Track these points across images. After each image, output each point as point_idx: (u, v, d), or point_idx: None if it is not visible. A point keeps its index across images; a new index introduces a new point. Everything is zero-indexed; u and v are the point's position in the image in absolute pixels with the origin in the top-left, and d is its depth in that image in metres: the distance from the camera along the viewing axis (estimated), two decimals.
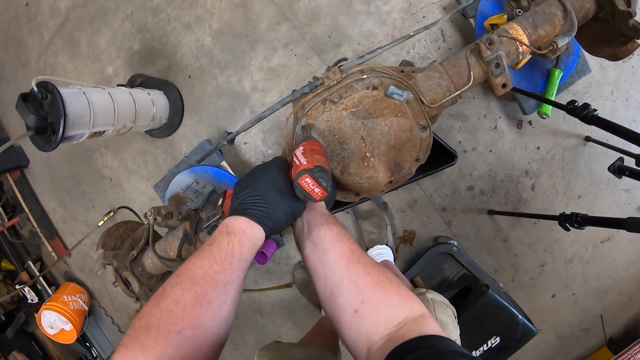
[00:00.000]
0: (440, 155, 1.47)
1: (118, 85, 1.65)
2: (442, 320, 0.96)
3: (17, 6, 2.01)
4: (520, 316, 1.38)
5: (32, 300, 2.16)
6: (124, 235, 1.35)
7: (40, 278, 2.15)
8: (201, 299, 0.57)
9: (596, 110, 1.07)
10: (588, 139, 1.59)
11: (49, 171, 2.08)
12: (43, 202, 2.15)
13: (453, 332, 0.97)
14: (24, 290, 2.15)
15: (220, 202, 0.87)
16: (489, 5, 1.41)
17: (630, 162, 1.23)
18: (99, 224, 1.94)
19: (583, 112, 1.08)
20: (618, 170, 1.21)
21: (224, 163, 1.57)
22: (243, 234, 0.64)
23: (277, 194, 0.69)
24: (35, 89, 1.11)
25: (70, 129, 1.16)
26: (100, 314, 2.18)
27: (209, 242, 0.64)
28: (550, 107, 1.44)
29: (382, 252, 1.55)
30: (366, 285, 0.61)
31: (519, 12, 1.17)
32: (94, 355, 2.15)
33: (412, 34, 1.06)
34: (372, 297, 0.60)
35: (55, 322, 1.94)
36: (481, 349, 1.38)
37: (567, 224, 1.18)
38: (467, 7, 1.39)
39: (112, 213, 1.95)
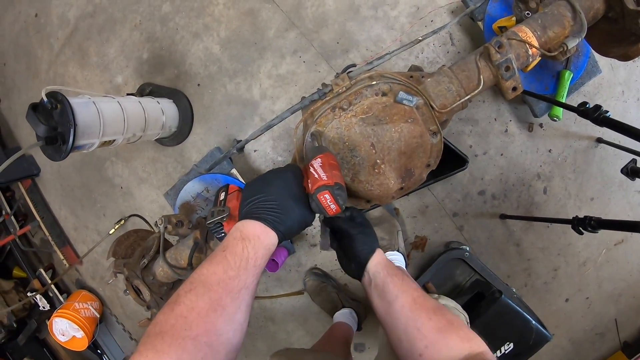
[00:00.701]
0: (451, 160, 1.47)
1: (127, 94, 1.66)
2: None
3: (26, 17, 2.04)
4: (533, 321, 1.36)
5: (43, 307, 2.18)
6: (135, 244, 1.35)
7: (52, 286, 2.17)
8: (216, 305, 0.57)
9: (608, 111, 1.06)
10: (600, 140, 1.57)
11: (60, 180, 2.10)
12: (54, 210, 2.17)
13: None
14: (36, 298, 2.16)
15: (222, 197, 0.84)
16: (497, 8, 1.40)
17: None
18: (110, 232, 1.96)
19: (595, 114, 1.07)
20: (631, 172, 1.19)
21: (234, 171, 1.58)
22: (257, 239, 0.64)
23: (292, 200, 0.69)
24: (45, 99, 1.12)
25: (80, 138, 1.17)
26: (112, 322, 2.19)
27: (222, 247, 0.64)
28: (561, 109, 1.43)
29: (394, 259, 1.53)
30: (429, 331, 0.67)
31: (528, 14, 1.16)
32: None
33: (420, 38, 1.06)
34: (435, 342, 0.66)
35: (66, 330, 1.95)
36: (495, 355, 1.36)
37: (580, 228, 1.17)
38: (475, 10, 1.39)
39: (122, 221, 1.96)
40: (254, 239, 0.64)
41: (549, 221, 1.46)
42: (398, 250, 1.57)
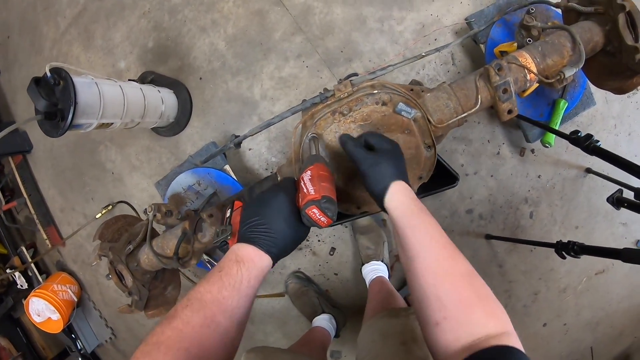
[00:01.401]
0: (442, 177, 1.47)
1: (129, 80, 1.66)
2: None
3: None
4: None
5: (21, 285, 2.14)
6: (122, 229, 1.35)
7: (32, 265, 2.14)
8: (209, 322, 0.60)
9: (598, 141, 1.09)
10: (589, 170, 1.60)
11: (51, 159, 2.08)
12: (43, 189, 2.15)
13: None
14: (14, 275, 2.13)
15: (228, 214, 0.87)
16: (500, 33, 1.44)
17: (629, 195, 1.25)
18: (97, 216, 1.94)
19: (585, 143, 1.10)
20: (617, 201, 1.22)
21: (227, 167, 1.58)
22: (252, 262, 0.67)
23: (285, 222, 0.71)
24: (49, 74, 1.13)
25: (79, 117, 1.17)
26: (89, 307, 2.16)
27: (219, 268, 0.67)
28: (554, 136, 1.46)
29: (378, 268, 1.55)
30: (450, 302, 0.59)
31: (529, 41, 1.20)
32: (79, 347, 2.12)
33: (424, 54, 1.08)
34: (456, 315, 0.58)
35: (43, 310, 1.92)
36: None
37: (563, 252, 1.19)
38: (479, 33, 1.42)
39: (110, 207, 1.95)
40: (249, 262, 0.67)
41: (534, 244, 1.48)
42: (382, 261, 1.59)
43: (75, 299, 2.05)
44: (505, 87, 0.95)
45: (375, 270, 1.54)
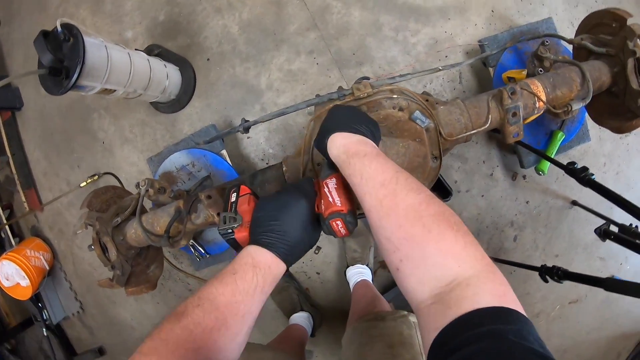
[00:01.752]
0: (437, 189, 1.51)
1: (136, 49, 1.63)
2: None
3: None
4: None
5: None
6: (111, 200, 1.32)
7: (6, 226, 2.07)
8: (220, 325, 0.59)
9: (593, 174, 1.14)
10: (575, 203, 1.65)
11: (41, 120, 2.02)
12: (28, 150, 2.08)
13: None
14: None
15: (233, 198, 0.83)
16: (511, 59, 1.47)
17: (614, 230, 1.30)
18: (81, 185, 1.89)
19: (581, 174, 1.15)
20: (604, 233, 1.26)
21: (224, 152, 1.57)
22: (268, 269, 0.66)
23: (303, 230, 0.71)
24: (59, 28, 1.09)
25: (84, 78, 1.13)
26: (60, 277, 2.09)
27: (233, 269, 0.65)
28: (548, 165, 1.50)
29: (362, 272, 1.56)
30: (400, 242, 0.53)
31: (540, 70, 1.23)
32: (44, 317, 2.05)
33: (440, 68, 1.10)
34: (410, 255, 0.52)
35: (12, 275, 1.86)
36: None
37: (547, 276, 1.22)
38: (490, 57, 1.45)
39: (96, 177, 1.89)
40: (265, 268, 0.66)
41: (518, 266, 1.52)
42: (367, 265, 1.60)
43: (47, 267, 1.98)
44: (515, 110, 0.98)
45: (360, 273, 1.55)
